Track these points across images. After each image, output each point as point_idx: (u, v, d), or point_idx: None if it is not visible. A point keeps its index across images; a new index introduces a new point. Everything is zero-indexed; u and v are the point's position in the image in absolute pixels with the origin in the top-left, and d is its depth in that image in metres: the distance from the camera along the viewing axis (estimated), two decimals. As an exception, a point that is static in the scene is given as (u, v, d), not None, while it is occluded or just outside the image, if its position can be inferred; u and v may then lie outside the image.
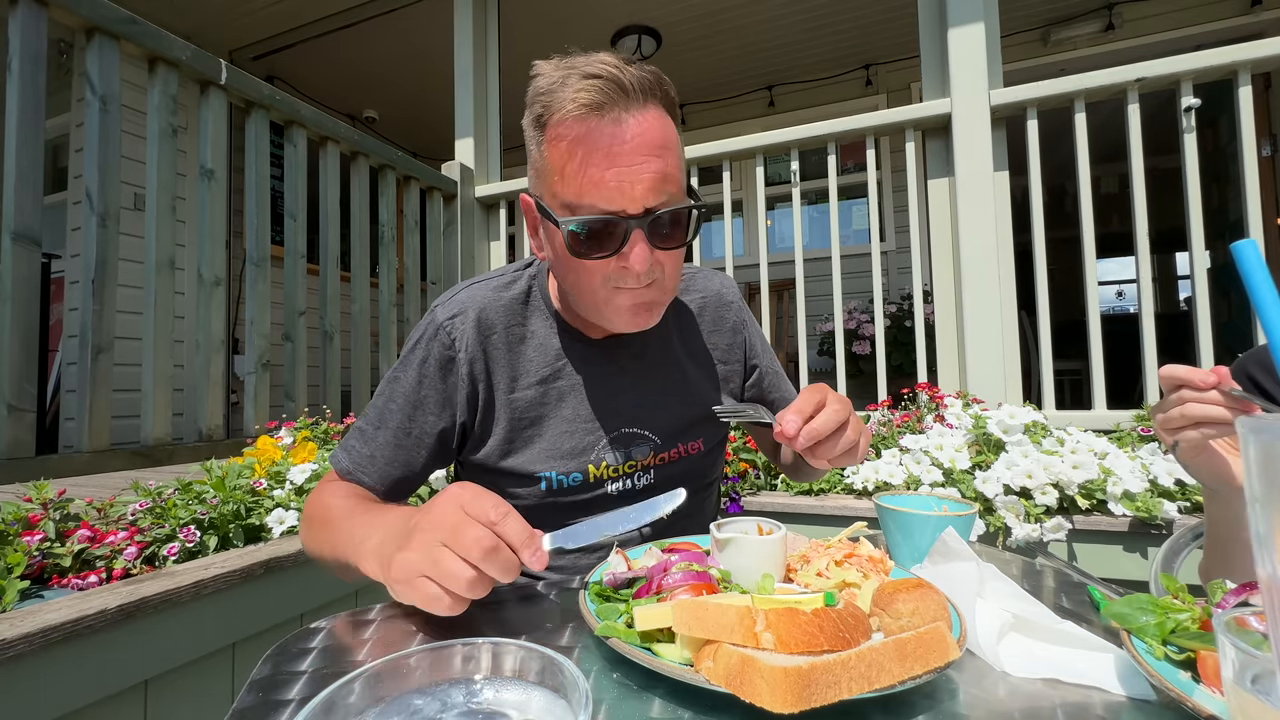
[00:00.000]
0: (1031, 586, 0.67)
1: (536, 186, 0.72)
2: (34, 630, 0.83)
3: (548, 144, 0.67)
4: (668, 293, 0.75)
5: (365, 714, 0.32)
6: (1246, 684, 0.29)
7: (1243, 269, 0.58)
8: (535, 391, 0.81)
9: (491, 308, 0.81)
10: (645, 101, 0.66)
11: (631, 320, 0.74)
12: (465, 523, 0.51)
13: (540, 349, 0.82)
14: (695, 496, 0.92)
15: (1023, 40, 4.33)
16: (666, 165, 0.66)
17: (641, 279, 0.69)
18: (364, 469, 0.78)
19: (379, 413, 0.80)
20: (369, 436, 0.80)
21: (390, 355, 2.42)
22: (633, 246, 0.66)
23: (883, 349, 2.24)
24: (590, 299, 0.73)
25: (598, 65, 0.64)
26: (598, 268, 0.69)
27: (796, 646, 0.41)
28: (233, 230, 3.44)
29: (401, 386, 0.80)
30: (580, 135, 0.64)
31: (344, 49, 4.41)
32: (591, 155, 0.64)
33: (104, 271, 1.49)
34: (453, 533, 0.50)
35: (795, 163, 2.38)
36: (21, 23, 1.37)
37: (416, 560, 0.50)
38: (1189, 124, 1.91)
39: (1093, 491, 1.46)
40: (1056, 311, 2.16)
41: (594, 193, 0.65)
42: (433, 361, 0.79)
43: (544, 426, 0.81)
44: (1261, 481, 0.29)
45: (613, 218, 0.65)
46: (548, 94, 0.66)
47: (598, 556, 0.80)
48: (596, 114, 0.64)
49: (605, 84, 0.63)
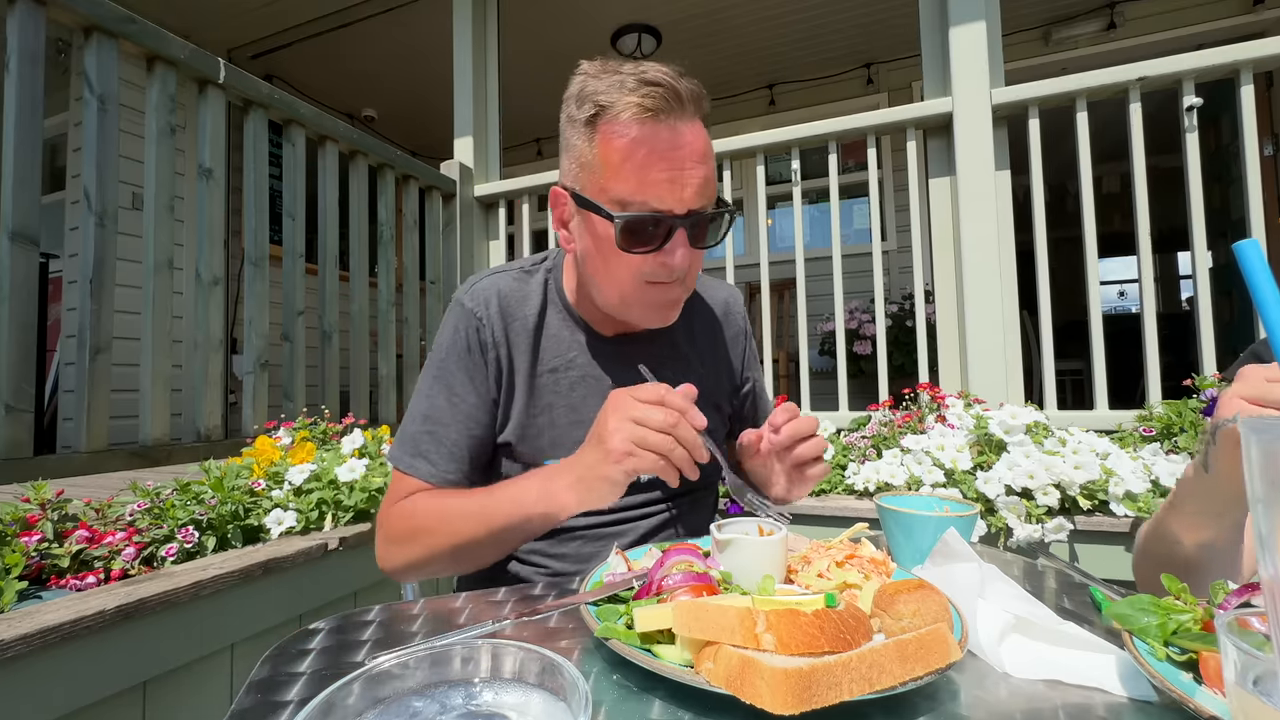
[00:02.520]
0: (1033, 587, 0.67)
1: (578, 180, 0.75)
2: (32, 631, 0.83)
3: (600, 141, 0.71)
4: (688, 291, 0.81)
5: (364, 715, 0.32)
6: (1248, 685, 0.29)
7: (1244, 268, 0.58)
8: (547, 379, 0.85)
9: (513, 295, 0.85)
10: (694, 113, 0.73)
11: (657, 315, 0.79)
12: (641, 406, 0.64)
13: (554, 339, 0.86)
14: (697, 496, 0.93)
15: (1024, 39, 4.32)
16: (709, 173, 0.73)
17: (674, 274, 0.75)
18: (449, 470, 0.81)
19: (446, 407, 0.82)
20: (440, 437, 0.81)
21: (390, 355, 2.42)
22: (676, 244, 0.73)
23: (884, 349, 2.23)
24: (619, 291, 0.77)
25: (656, 74, 0.70)
26: (638, 262, 0.73)
27: (797, 648, 0.41)
28: (231, 230, 3.42)
29: (453, 377, 0.83)
30: (641, 137, 0.70)
31: (343, 48, 4.41)
32: (650, 156, 0.70)
33: (102, 271, 1.48)
34: (643, 413, 0.63)
35: (796, 162, 2.38)
36: (19, 21, 1.36)
37: (621, 440, 0.62)
38: (1191, 123, 1.90)
39: (1094, 492, 1.46)
40: (1058, 311, 2.15)
41: (649, 191, 0.70)
42: (470, 342, 0.83)
43: (554, 415, 0.84)
44: (1263, 482, 0.29)
45: (662, 216, 0.71)
46: (605, 95, 0.71)
47: (597, 557, 0.80)
48: (654, 119, 0.69)
49: (666, 92, 0.69)
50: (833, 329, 2.63)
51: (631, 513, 0.86)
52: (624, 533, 0.86)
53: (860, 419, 2.04)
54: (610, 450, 0.62)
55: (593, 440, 0.66)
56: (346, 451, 1.50)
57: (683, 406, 0.64)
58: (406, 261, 2.66)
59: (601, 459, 0.64)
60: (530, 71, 4.43)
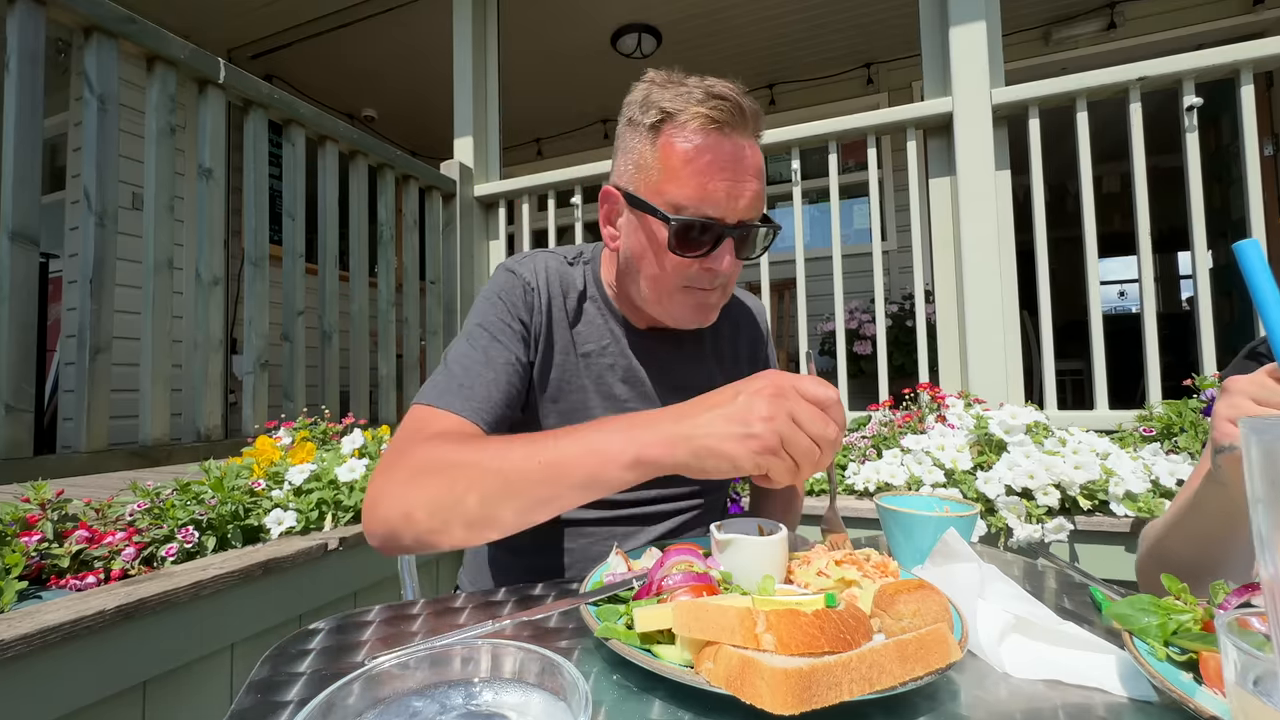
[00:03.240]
0: (1033, 587, 0.67)
1: (633, 181, 0.78)
2: (32, 631, 0.83)
3: (663, 145, 0.74)
4: (726, 297, 0.84)
5: (364, 716, 0.32)
6: (1249, 685, 0.29)
7: (1245, 268, 0.58)
8: (580, 361, 0.86)
9: (562, 275, 0.88)
10: (754, 131, 0.76)
11: (694, 317, 0.82)
12: (806, 406, 0.56)
13: (589, 324, 0.88)
14: (711, 498, 0.94)
15: (1024, 39, 4.32)
16: (762, 188, 0.76)
17: (717, 281, 0.78)
18: (483, 411, 0.74)
19: (482, 360, 0.77)
20: (478, 375, 0.76)
21: (390, 355, 2.42)
22: (723, 252, 0.76)
23: (884, 349, 2.23)
24: (661, 290, 0.79)
25: (723, 89, 0.73)
26: (685, 265, 0.76)
27: (797, 648, 0.41)
28: (231, 230, 3.43)
29: (494, 329, 0.81)
30: (705, 145, 0.72)
31: (342, 48, 4.41)
32: (712, 166, 0.72)
33: (102, 271, 1.48)
34: (806, 414, 0.55)
35: (796, 161, 2.38)
36: (19, 21, 1.36)
37: (771, 431, 0.54)
38: (1191, 123, 1.90)
39: (1094, 492, 1.46)
40: (1058, 311, 2.15)
41: (706, 199, 0.73)
42: (515, 301, 0.83)
43: (587, 396, 0.86)
44: (1263, 482, 0.29)
45: (714, 223, 0.74)
46: (671, 103, 0.73)
47: (597, 558, 0.79)
48: (720, 131, 0.72)
49: (732, 106, 0.72)
50: (833, 329, 2.63)
51: (647, 509, 0.87)
52: (634, 534, 0.86)
53: (860, 419, 2.04)
54: (754, 435, 0.54)
55: (728, 409, 0.56)
56: (346, 451, 1.50)
57: (843, 420, 0.57)
58: (406, 261, 2.66)
59: (737, 437, 0.55)
60: (530, 71, 4.44)
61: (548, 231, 2.79)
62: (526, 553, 0.86)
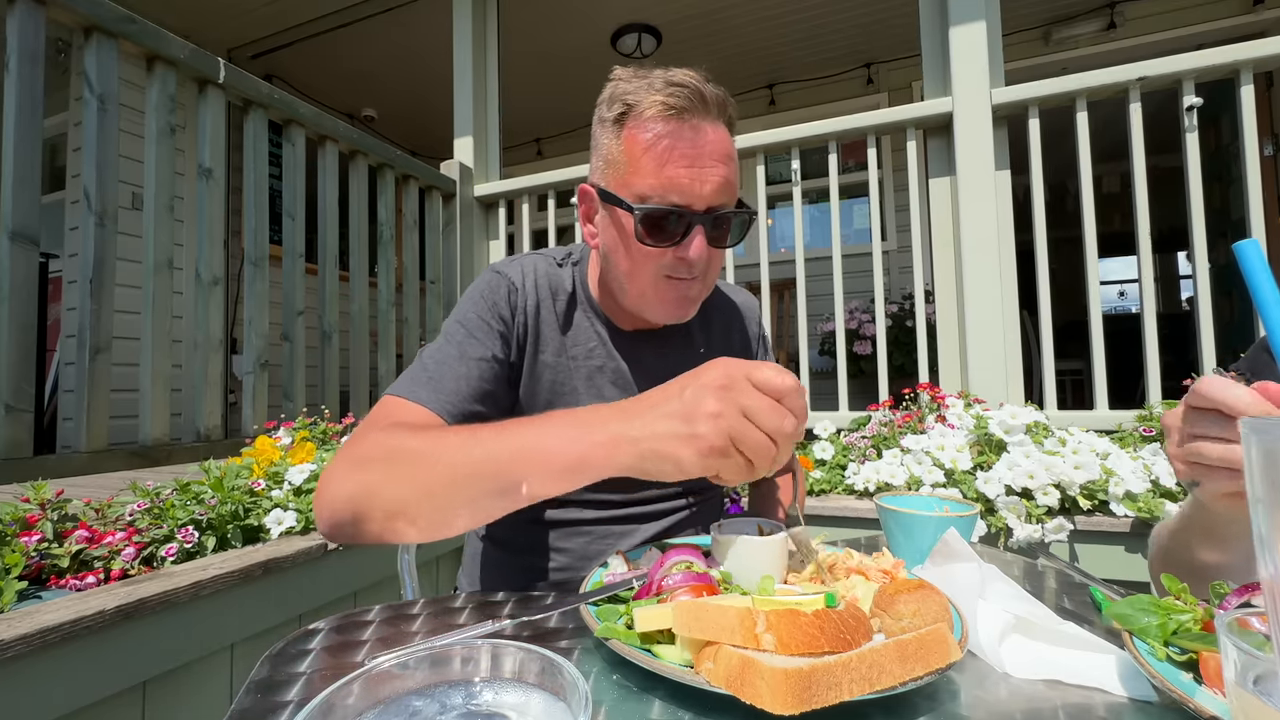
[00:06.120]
0: (1033, 587, 0.67)
1: (603, 176, 0.78)
2: (32, 631, 0.83)
3: (626, 138, 0.74)
4: (707, 289, 0.82)
5: (364, 715, 0.32)
6: (1249, 685, 0.29)
7: (1245, 269, 0.58)
8: (566, 363, 0.85)
9: (550, 278, 0.87)
10: (718, 116, 0.74)
11: (673, 310, 0.80)
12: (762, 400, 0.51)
13: (576, 327, 0.87)
14: (708, 496, 0.94)
15: (1024, 39, 4.32)
16: (729, 174, 0.74)
17: (692, 270, 0.76)
18: (449, 404, 0.72)
19: (456, 355, 0.77)
20: (449, 368, 0.75)
21: (389, 355, 2.42)
22: (693, 239, 0.74)
23: (884, 349, 2.23)
24: (639, 285, 0.78)
25: (682, 76, 0.73)
26: (656, 255, 0.75)
27: (797, 648, 0.41)
28: (231, 230, 3.43)
29: (473, 327, 0.79)
30: (663, 133, 0.72)
31: (342, 48, 4.41)
32: (671, 153, 0.71)
33: (102, 271, 1.48)
34: (756, 406, 0.50)
35: (796, 162, 2.37)
36: (19, 21, 1.36)
37: (717, 431, 0.49)
38: (1191, 123, 1.90)
39: (1094, 492, 1.46)
40: (1058, 311, 2.15)
41: (668, 186, 0.72)
42: (498, 300, 0.82)
43: (577, 400, 0.85)
44: (1263, 483, 0.29)
45: (681, 210, 0.72)
46: (632, 95, 0.73)
47: (598, 558, 0.80)
48: (678, 117, 0.72)
49: (690, 93, 0.71)
50: (833, 329, 2.63)
51: (643, 508, 0.87)
52: (631, 533, 0.86)
53: (860, 419, 2.04)
54: (698, 435, 0.49)
55: (672, 405, 0.52)
56: (346, 451, 1.50)
57: (802, 411, 0.52)
58: (406, 261, 2.66)
59: (680, 437, 0.50)
60: (530, 71, 4.43)
61: (548, 231, 2.79)
62: (524, 552, 0.86)
